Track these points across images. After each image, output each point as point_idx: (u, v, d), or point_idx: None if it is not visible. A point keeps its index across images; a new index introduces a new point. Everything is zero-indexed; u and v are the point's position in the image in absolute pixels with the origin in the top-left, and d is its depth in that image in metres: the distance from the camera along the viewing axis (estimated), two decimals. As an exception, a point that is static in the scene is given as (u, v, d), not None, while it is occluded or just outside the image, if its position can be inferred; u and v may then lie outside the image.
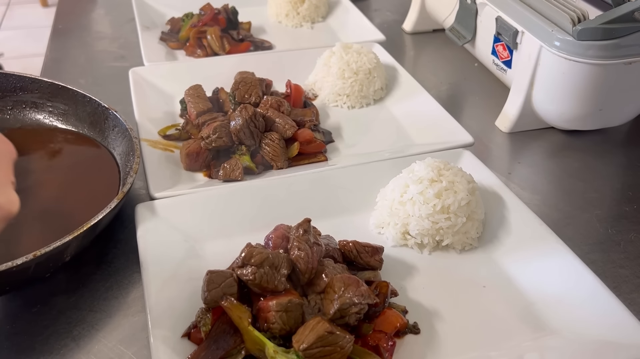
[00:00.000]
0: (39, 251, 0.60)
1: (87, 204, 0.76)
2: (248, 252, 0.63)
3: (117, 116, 0.83)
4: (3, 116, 0.89)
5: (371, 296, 0.62)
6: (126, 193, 0.72)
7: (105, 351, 0.63)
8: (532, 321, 0.67)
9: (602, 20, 0.87)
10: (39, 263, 0.61)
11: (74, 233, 0.63)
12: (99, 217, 0.66)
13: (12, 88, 0.89)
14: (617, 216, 0.84)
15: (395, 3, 1.51)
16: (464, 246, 0.76)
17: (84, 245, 0.69)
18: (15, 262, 0.59)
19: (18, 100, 0.90)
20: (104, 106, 0.85)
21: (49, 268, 0.66)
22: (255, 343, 0.58)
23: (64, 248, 0.63)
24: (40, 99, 0.90)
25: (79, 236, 0.64)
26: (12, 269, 0.59)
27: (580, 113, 0.95)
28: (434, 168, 0.77)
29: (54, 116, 0.90)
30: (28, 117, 0.90)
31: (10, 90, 0.90)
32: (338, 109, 1.05)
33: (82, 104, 0.88)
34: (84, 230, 0.64)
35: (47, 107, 0.90)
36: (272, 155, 0.87)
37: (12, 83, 0.89)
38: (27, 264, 0.60)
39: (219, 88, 1.01)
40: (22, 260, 0.59)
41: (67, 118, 0.90)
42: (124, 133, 0.82)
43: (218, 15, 1.24)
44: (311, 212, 0.77)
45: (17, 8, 3.80)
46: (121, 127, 0.83)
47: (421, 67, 1.25)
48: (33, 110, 0.90)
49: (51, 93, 0.89)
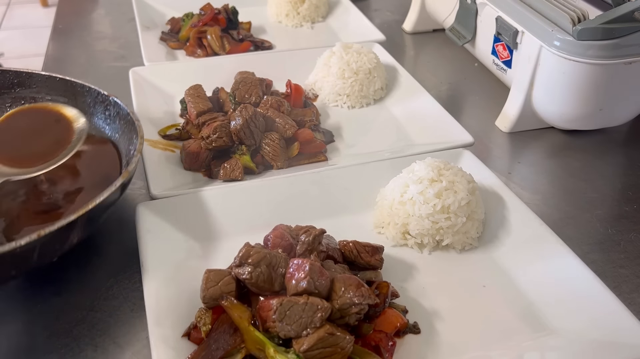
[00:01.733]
0: (43, 231, 0.59)
1: (91, 190, 0.75)
2: (245, 251, 0.63)
3: (117, 102, 0.82)
4: (2, 114, 0.88)
5: (372, 296, 0.62)
6: (132, 172, 0.70)
7: (106, 351, 0.63)
8: (532, 321, 0.67)
9: (602, 20, 0.87)
10: (44, 245, 0.60)
11: (78, 212, 0.62)
12: (105, 195, 0.64)
13: (10, 84, 0.89)
14: (617, 216, 0.84)
15: (395, 3, 1.51)
16: (464, 246, 0.76)
17: (91, 226, 0.67)
18: (19, 242, 0.57)
19: (16, 96, 0.89)
20: (104, 94, 0.84)
21: (55, 251, 0.64)
22: (255, 342, 0.58)
23: (69, 228, 0.61)
24: (39, 93, 0.89)
25: (84, 215, 0.62)
26: (16, 250, 0.57)
27: (580, 113, 0.95)
28: (434, 168, 0.77)
29: None
30: None
31: (7, 87, 0.89)
32: (338, 109, 1.05)
33: (81, 95, 0.87)
34: (89, 209, 0.62)
35: (47, 101, 0.88)
36: (272, 155, 0.87)
37: (10, 79, 0.88)
38: (31, 245, 0.58)
39: (219, 88, 1.01)
40: (26, 240, 0.57)
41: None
42: (126, 117, 0.81)
43: (218, 15, 1.24)
44: (311, 212, 0.78)
45: (17, 8, 3.80)
46: (122, 112, 0.81)
47: (421, 67, 1.25)
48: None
49: (49, 87, 0.88)
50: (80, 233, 0.66)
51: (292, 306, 0.58)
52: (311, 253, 0.66)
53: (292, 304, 0.58)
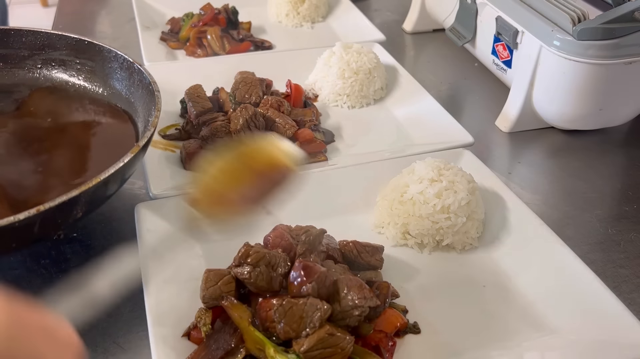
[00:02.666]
0: (43, 206, 0.57)
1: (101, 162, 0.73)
2: (245, 251, 0.63)
3: (141, 70, 0.82)
4: (33, 75, 0.89)
5: (373, 298, 0.62)
6: (141, 147, 0.68)
7: (106, 351, 0.63)
8: (532, 321, 0.67)
9: (602, 20, 0.87)
10: (45, 219, 0.58)
11: (81, 188, 0.60)
12: (110, 172, 0.63)
13: (41, 46, 0.89)
14: (617, 216, 0.84)
15: (395, 3, 1.51)
16: (464, 246, 0.76)
17: (96, 202, 0.66)
18: (17, 217, 0.56)
19: (47, 58, 0.90)
20: (130, 60, 0.84)
21: (58, 225, 0.63)
22: (255, 342, 0.58)
23: (71, 203, 0.60)
24: (68, 56, 0.89)
25: (87, 191, 0.60)
26: (15, 224, 0.56)
27: (580, 113, 0.95)
28: (434, 168, 0.77)
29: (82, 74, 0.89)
30: (56, 76, 0.90)
31: (38, 48, 0.89)
32: (338, 109, 1.05)
33: (108, 60, 0.87)
34: (92, 185, 0.61)
35: (75, 65, 0.89)
36: (272, 155, 0.87)
37: (41, 40, 0.89)
38: (30, 219, 0.57)
39: (219, 88, 1.01)
40: (25, 214, 0.56)
41: (94, 76, 0.89)
42: (147, 87, 0.80)
43: (218, 15, 1.24)
44: (311, 212, 0.78)
45: (17, 8, 3.79)
46: (145, 81, 0.81)
47: (421, 67, 1.25)
48: (62, 68, 0.90)
49: (78, 50, 0.88)
50: (85, 208, 0.64)
51: (292, 307, 0.58)
52: (311, 253, 0.66)
53: (292, 305, 0.58)
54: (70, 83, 0.89)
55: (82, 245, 0.76)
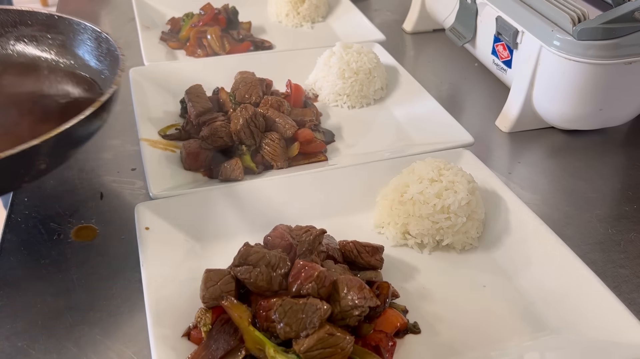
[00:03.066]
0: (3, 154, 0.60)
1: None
2: (245, 251, 0.63)
3: (108, 38, 0.84)
4: (6, 52, 0.91)
5: (373, 299, 0.62)
6: (103, 102, 0.71)
7: (106, 351, 0.63)
8: (532, 321, 0.67)
9: (602, 20, 0.87)
10: (4, 168, 0.61)
11: (42, 138, 0.63)
12: (71, 123, 0.66)
13: (13, 22, 0.91)
14: (617, 216, 0.84)
15: (395, 3, 1.51)
16: (464, 246, 0.76)
17: (59, 153, 0.69)
18: None
19: (19, 35, 0.91)
20: (98, 30, 0.87)
21: (21, 176, 0.66)
22: (255, 342, 0.58)
23: (31, 153, 0.63)
24: (40, 31, 0.91)
25: (48, 140, 0.63)
26: None
27: (580, 113, 0.95)
28: (434, 168, 0.77)
29: (53, 48, 0.91)
30: (29, 52, 0.91)
31: (11, 25, 0.91)
32: (338, 109, 1.05)
33: (78, 32, 0.89)
34: (52, 135, 0.64)
35: (47, 40, 0.91)
36: (272, 155, 0.87)
37: (12, 18, 0.91)
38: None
39: (219, 88, 1.01)
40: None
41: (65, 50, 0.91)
42: (113, 54, 0.83)
43: (218, 15, 1.24)
44: (311, 212, 0.78)
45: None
46: (112, 48, 0.83)
47: (421, 67, 1.25)
48: (33, 44, 0.91)
49: (49, 25, 0.91)
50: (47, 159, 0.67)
51: (292, 307, 0.58)
52: (311, 253, 0.66)
53: (292, 305, 0.58)
54: (42, 58, 0.91)
55: (82, 245, 0.76)
